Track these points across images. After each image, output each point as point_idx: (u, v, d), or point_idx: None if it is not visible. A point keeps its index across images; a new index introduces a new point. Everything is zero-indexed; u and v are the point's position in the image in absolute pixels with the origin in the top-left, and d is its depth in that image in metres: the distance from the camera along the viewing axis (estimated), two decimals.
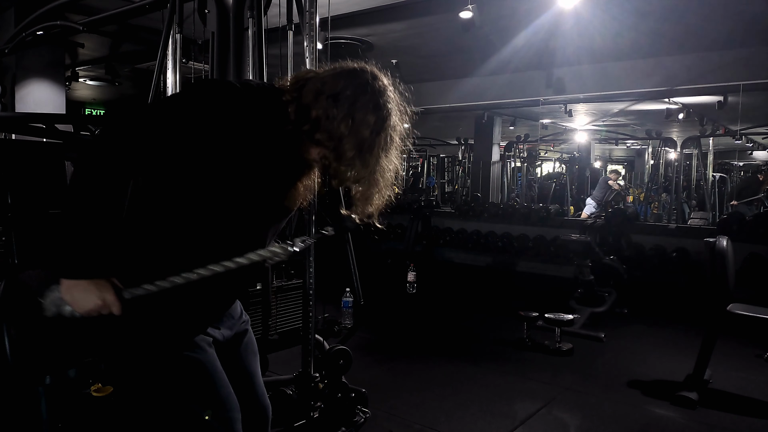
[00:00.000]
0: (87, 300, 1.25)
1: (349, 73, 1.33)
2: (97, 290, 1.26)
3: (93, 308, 1.27)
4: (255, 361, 1.64)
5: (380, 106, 1.31)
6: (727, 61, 6.56)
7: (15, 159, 2.24)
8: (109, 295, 1.27)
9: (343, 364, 2.86)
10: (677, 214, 8.76)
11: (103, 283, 1.27)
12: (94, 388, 2.11)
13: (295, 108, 1.31)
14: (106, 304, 1.27)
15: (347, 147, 1.29)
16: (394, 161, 1.40)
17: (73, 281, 1.25)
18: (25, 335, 2.00)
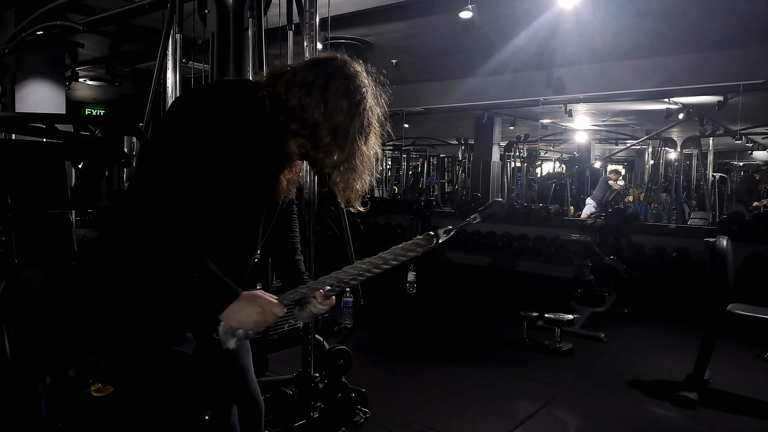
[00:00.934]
0: (248, 316, 1.29)
1: (321, 62, 1.35)
2: (250, 303, 1.30)
3: (258, 319, 1.30)
4: (248, 358, 1.66)
5: (352, 91, 1.32)
6: (727, 61, 6.56)
7: (15, 159, 2.24)
8: (261, 300, 1.31)
9: (343, 364, 2.86)
10: (677, 214, 8.76)
11: (250, 295, 1.31)
12: (94, 388, 2.11)
13: (270, 101, 1.33)
14: (264, 309, 1.30)
15: (323, 133, 1.30)
16: (373, 146, 1.41)
17: (225, 312, 1.29)
18: (25, 335, 2.00)
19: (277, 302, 1.33)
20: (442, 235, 1.33)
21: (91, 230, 6.82)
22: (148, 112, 3.36)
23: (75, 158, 2.56)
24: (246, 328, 1.30)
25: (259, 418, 1.64)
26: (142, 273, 1.34)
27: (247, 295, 1.30)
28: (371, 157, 1.40)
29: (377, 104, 1.39)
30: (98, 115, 12.01)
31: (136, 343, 1.39)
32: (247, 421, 1.59)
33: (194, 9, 3.48)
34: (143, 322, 1.38)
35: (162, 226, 1.25)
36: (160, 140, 1.33)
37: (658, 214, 9.65)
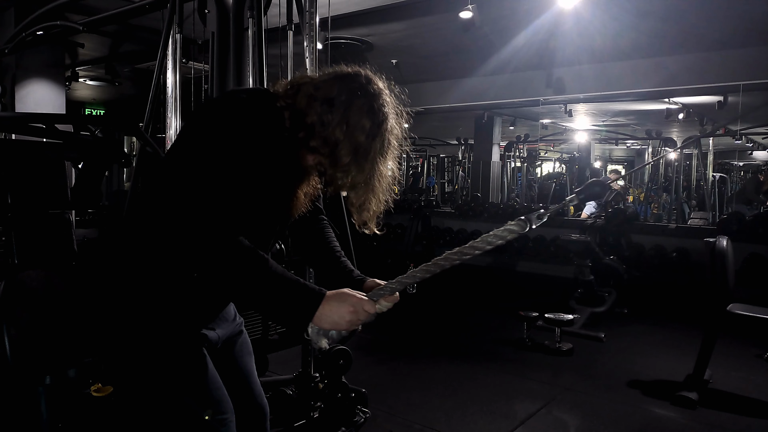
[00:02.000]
0: (341, 316, 1.25)
1: (344, 78, 1.30)
2: (340, 303, 1.25)
3: (352, 318, 1.26)
4: (250, 361, 1.64)
5: (375, 110, 1.28)
6: (727, 61, 6.56)
7: (15, 159, 2.24)
8: (351, 299, 1.26)
9: (343, 364, 2.86)
10: (677, 214, 8.76)
11: (337, 295, 1.26)
12: (94, 388, 2.11)
13: (289, 114, 1.29)
14: (355, 307, 1.26)
15: (343, 153, 1.26)
16: (391, 165, 1.38)
17: (316, 315, 1.24)
18: (25, 335, 2.00)
19: (367, 299, 1.29)
20: (536, 221, 1.26)
21: (91, 230, 6.82)
22: (148, 112, 3.36)
23: (75, 158, 2.56)
24: (339, 328, 1.26)
25: (263, 420, 1.62)
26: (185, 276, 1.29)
27: (336, 295, 1.26)
28: (388, 176, 1.38)
29: (398, 124, 1.35)
30: (98, 115, 12.01)
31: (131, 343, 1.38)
32: (252, 424, 1.57)
33: (194, 9, 3.48)
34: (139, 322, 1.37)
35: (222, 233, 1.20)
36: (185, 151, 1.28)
37: (658, 214, 9.65)
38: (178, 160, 1.29)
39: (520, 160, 13.34)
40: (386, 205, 1.42)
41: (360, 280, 1.51)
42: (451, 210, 9.74)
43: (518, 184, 12.97)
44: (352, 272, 1.55)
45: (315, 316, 1.23)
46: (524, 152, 13.59)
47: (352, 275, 1.54)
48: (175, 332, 1.40)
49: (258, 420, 1.61)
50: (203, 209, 1.20)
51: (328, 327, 1.25)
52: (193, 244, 1.19)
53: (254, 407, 1.60)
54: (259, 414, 1.61)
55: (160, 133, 3.82)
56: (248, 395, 1.59)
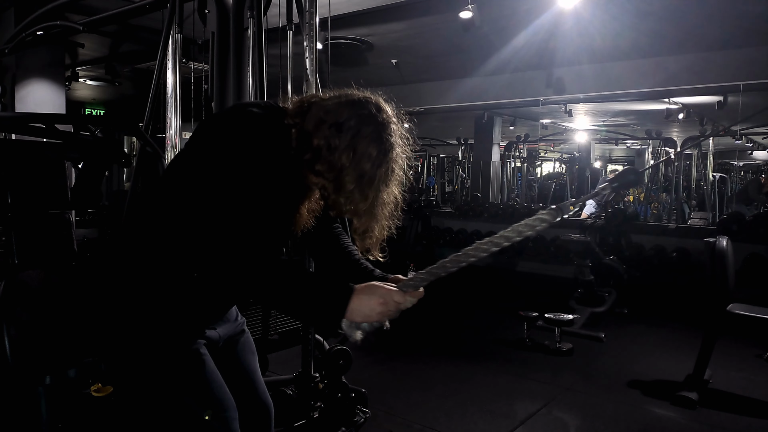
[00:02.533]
0: (372, 309, 1.26)
1: (354, 103, 1.30)
2: (371, 296, 1.26)
3: (382, 310, 1.27)
4: (254, 360, 1.65)
5: (383, 140, 1.29)
6: (727, 61, 6.56)
7: (15, 159, 2.24)
8: (381, 290, 1.27)
9: (343, 364, 2.86)
10: (677, 214, 8.76)
11: (365, 288, 1.27)
12: (94, 388, 2.11)
13: (297, 134, 1.29)
14: (386, 300, 1.27)
15: (347, 179, 1.27)
16: (394, 193, 1.38)
17: (348, 309, 1.25)
18: (25, 335, 2.00)
19: (396, 290, 1.30)
20: (567, 209, 1.27)
21: (91, 230, 6.82)
22: (148, 112, 3.36)
23: (75, 158, 2.56)
24: (371, 320, 1.27)
25: (268, 419, 1.62)
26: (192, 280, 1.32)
27: (365, 288, 1.27)
28: (391, 204, 1.38)
29: (403, 152, 1.35)
30: (98, 115, 12.01)
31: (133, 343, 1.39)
32: (256, 423, 1.58)
33: (194, 9, 3.49)
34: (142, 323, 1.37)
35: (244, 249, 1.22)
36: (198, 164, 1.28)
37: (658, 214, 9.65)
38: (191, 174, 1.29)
39: (520, 160, 13.34)
40: (389, 231, 1.42)
41: (382, 278, 1.53)
42: (451, 210, 9.75)
43: (518, 184, 12.97)
44: (373, 271, 1.58)
45: (347, 310, 1.24)
46: (524, 152, 13.59)
47: (374, 274, 1.56)
48: (176, 333, 1.40)
49: (262, 418, 1.61)
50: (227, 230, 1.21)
51: (360, 320, 1.26)
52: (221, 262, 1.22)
53: (258, 406, 1.60)
54: (263, 412, 1.61)
55: (160, 133, 3.82)
56: (252, 394, 1.59)
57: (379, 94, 1.36)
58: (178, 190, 1.29)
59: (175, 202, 1.28)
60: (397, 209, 1.42)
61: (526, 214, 8.13)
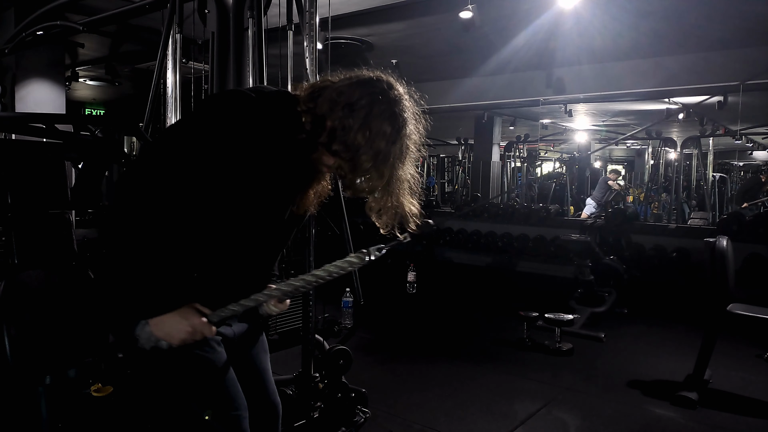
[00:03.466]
0: (177, 330, 1.29)
1: (365, 83, 1.32)
2: (183, 319, 1.29)
3: (185, 336, 1.29)
4: (266, 359, 1.65)
5: (396, 116, 1.30)
6: (727, 61, 6.56)
7: (15, 159, 2.24)
8: (195, 320, 1.30)
9: (343, 364, 2.86)
10: (677, 214, 8.77)
11: (187, 311, 1.30)
12: (94, 388, 2.11)
13: (310, 118, 1.30)
14: (195, 329, 1.30)
15: (364, 158, 1.28)
16: (410, 171, 1.39)
17: (157, 318, 1.28)
18: (25, 335, 2.00)
19: (207, 323, 1.32)
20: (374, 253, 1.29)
21: (91, 230, 6.81)
22: (148, 112, 3.36)
23: (75, 158, 2.56)
24: (171, 341, 1.29)
25: (276, 419, 1.62)
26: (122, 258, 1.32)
27: (184, 311, 1.29)
28: (408, 180, 1.39)
29: (416, 129, 1.37)
30: (98, 115, 12.01)
31: None
32: (265, 422, 1.58)
33: (194, 9, 3.48)
34: None
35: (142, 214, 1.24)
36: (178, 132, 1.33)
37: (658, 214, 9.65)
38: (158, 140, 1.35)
39: (520, 160, 13.35)
40: (411, 209, 1.42)
41: None
42: (451, 210, 9.74)
43: (518, 184, 12.97)
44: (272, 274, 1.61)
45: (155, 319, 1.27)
46: (524, 152, 13.60)
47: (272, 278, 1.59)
48: None
49: (270, 418, 1.61)
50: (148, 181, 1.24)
51: (161, 336, 1.29)
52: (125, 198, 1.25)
53: (267, 405, 1.61)
54: (271, 412, 1.61)
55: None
56: (262, 393, 1.60)
57: (389, 73, 1.37)
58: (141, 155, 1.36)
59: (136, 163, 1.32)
60: (415, 186, 1.43)
61: (526, 214, 8.14)
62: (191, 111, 1.33)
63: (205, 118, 1.31)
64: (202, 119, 1.31)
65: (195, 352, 1.39)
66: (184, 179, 1.27)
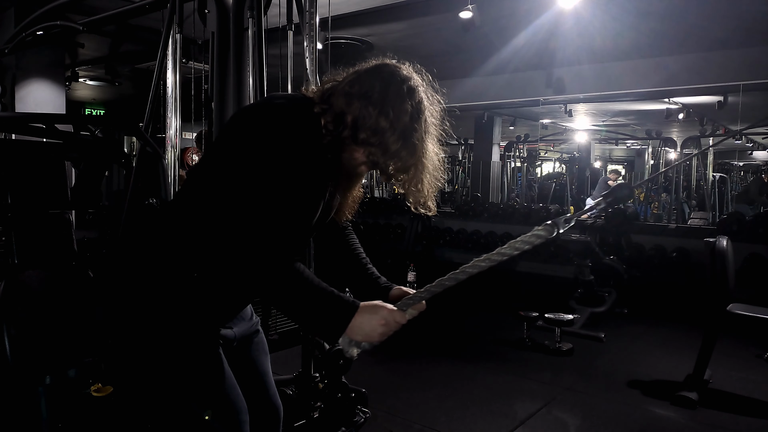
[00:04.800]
0: (373, 328, 1.29)
1: (373, 70, 1.35)
2: (373, 315, 1.28)
3: (383, 330, 1.30)
4: (266, 362, 1.65)
5: (413, 90, 1.32)
6: (727, 61, 6.56)
7: (15, 159, 2.24)
8: (383, 312, 1.29)
9: (343, 364, 2.84)
10: (677, 214, 8.77)
11: (370, 307, 1.29)
12: (94, 388, 2.11)
13: (330, 118, 1.30)
14: (387, 320, 1.29)
15: (392, 139, 1.29)
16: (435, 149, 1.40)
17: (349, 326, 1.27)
18: (25, 335, 2.00)
19: (398, 311, 1.32)
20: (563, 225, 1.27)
21: (91, 230, 6.81)
22: (148, 112, 3.36)
23: (75, 158, 2.56)
24: (371, 340, 1.30)
25: (277, 422, 1.62)
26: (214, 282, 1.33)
27: (369, 307, 1.29)
28: (437, 154, 1.40)
29: (432, 103, 1.38)
30: (98, 115, 12.01)
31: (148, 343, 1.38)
32: (266, 425, 1.57)
33: (194, 9, 3.49)
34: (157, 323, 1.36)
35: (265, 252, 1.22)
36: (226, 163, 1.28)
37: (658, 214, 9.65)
38: (219, 173, 1.28)
39: (520, 160, 13.35)
40: (439, 184, 1.44)
41: (387, 288, 1.55)
42: (451, 210, 9.74)
43: (518, 184, 12.98)
44: (378, 279, 1.60)
45: (348, 327, 1.26)
46: (524, 152, 13.60)
47: (379, 282, 1.58)
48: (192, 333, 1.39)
49: (271, 420, 1.60)
50: (248, 226, 1.21)
51: (361, 339, 1.29)
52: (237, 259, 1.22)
53: (268, 407, 1.60)
54: (272, 414, 1.61)
55: (160, 133, 3.82)
56: (263, 395, 1.59)
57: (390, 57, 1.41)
58: (204, 187, 1.30)
59: (201, 200, 1.29)
60: (442, 163, 1.44)
61: (526, 214, 8.14)
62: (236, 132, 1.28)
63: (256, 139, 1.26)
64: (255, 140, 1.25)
65: (195, 354, 1.38)
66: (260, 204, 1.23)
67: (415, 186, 1.39)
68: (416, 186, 1.39)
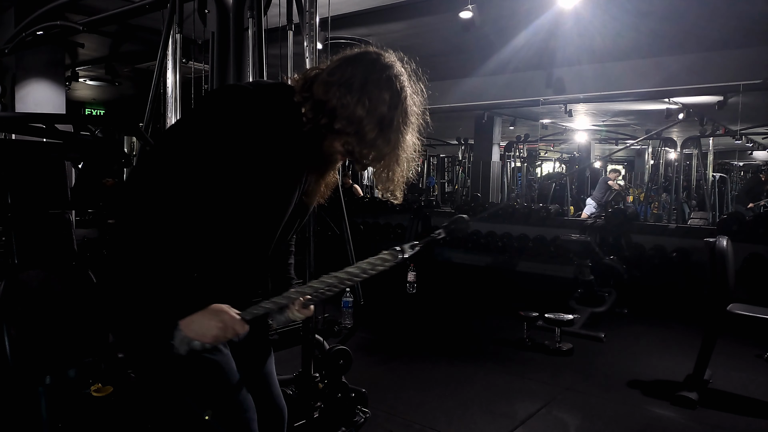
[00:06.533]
0: (208, 327, 1.27)
1: (354, 58, 1.33)
2: (213, 316, 1.28)
3: (217, 333, 1.28)
4: (270, 362, 1.64)
5: (392, 80, 1.31)
6: (727, 61, 6.57)
7: (15, 159, 2.24)
8: (224, 316, 1.28)
9: (343, 364, 2.86)
10: (677, 214, 8.77)
11: (215, 308, 1.28)
12: (94, 388, 2.11)
13: (310, 106, 1.31)
14: (225, 324, 1.28)
15: (368, 128, 1.28)
16: (413, 139, 1.39)
17: (187, 319, 1.26)
18: (25, 335, 2.00)
19: (239, 319, 1.31)
20: (408, 250, 1.28)
21: (91, 230, 6.82)
22: (148, 112, 3.36)
23: (75, 158, 2.56)
24: (204, 340, 1.28)
25: (281, 423, 1.61)
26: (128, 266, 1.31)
27: (213, 309, 1.28)
28: (412, 146, 1.39)
29: (414, 93, 1.37)
30: (98, 115, 12.01)
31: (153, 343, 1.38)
32: (270, 426, 1.56)
33: (194, 9, 3.49)
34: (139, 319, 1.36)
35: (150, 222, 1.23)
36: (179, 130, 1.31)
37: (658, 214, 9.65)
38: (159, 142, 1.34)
39: (520, 160, 13.35)
40: (411, 175, 1.44)
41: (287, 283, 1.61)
42: (451, 210, 9.73)
43: (518, 184, 12.98)
44: (291, 279, 1.65)
45: (185, 320, 1.26)
46: (524, 152, 13.60)
47: (292, 282, 1.63)
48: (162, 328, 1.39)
49: (276, 421, 1.59)
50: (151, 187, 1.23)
51: (193, 336, 1.28)
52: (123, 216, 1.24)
53: (273, 409, 1.59)
54: (277, 415, 1.60)
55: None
56: (267, 396, 1.58)
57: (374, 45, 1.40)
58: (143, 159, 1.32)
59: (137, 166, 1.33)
60: (416, 153, 1.43)
61: (526, 214, 8.13)
62: (191, 108, 1.30)
63: (205, 113, 1.30)
64: (203, 115, 1.30)
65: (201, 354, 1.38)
66: (188, 178, 1.25)
67: (386, 173, 1.39)
68: (387, 173, 1.39)
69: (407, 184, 1.46)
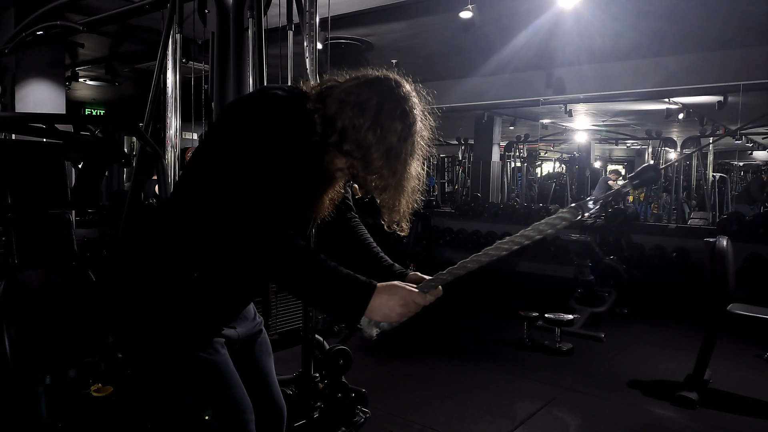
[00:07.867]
0: (392, 309, 1.25)
1: (373, 82, 1.31)
2: (391, 296, 1.25)
3: (402, 311, 1.27)
4: (269, 361, 1.64)
5: (406, 113, 1.30)
6: (727, 61, 6.56)
7: (15, 159, 2.24)
8: (402, 292, 1.26)
9: (343, 364, 2.86)
10: (677, 214, 8.76)
11: (387, 287, 1.26)
12: (94, 388, 2.11)
13: (320, 119, 1.30)
14: (406, 301, 1.26)
15: (375, 156, 1.27)
16: (419, 168, 1.39)
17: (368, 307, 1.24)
18: (25, 335, 2.00)
19: (417, 292, 1.29)
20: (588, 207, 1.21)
21: (91, 230, 6.81)
22: (148, 112, 3.36)
23: (75, 158, 2.56)
24: (390, 320, 1.27)
25: (281, 423, 1.61)
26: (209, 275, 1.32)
27: (387, 288, 1.26)
28: (417, 177, 1.39)
29: (425, 125, 1.36)
30: (98, 115, 12.01)
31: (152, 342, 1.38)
32: (269, 425, 1.57)
33: (194, 9, 3.48)
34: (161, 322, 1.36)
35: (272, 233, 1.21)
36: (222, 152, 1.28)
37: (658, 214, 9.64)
38: (214, 162, 1.28)
39: (520, 160, 13.35)
40: (416, 205, 1.43)
41: (402, 273, 1.53)
42: (451, 210, 9.74)
43: (518, 184, 12.97)
44: (392, 266, 1.57)
45: (367, 308, 1.24)
46: (524, 152, 13.60)
47: (393, 269, 1.56)
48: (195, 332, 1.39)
49: (275, 421, 1.59)
50: (249, 213, 1.21)
51: (380, 319, 1.26)
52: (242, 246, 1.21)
53: (272, 408, 1.59)
54: (276, 415, 1.60)
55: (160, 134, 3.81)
56: (267, 396, 1.58)
57: (394, 72, 1.36)
58: (199, 179, 1.30)
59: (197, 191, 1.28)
60: (421, 183, 1.42)
61: (526, 214, 8.14)
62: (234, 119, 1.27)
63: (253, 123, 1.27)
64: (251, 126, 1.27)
65: (198, 354, 1.38)
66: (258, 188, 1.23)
67: (390, 205, 1.39)
68: (393, 205, 1.38)
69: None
